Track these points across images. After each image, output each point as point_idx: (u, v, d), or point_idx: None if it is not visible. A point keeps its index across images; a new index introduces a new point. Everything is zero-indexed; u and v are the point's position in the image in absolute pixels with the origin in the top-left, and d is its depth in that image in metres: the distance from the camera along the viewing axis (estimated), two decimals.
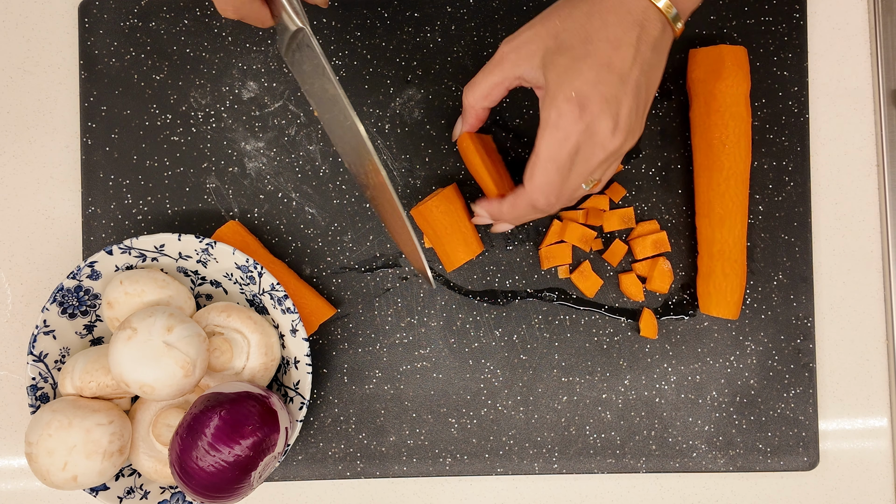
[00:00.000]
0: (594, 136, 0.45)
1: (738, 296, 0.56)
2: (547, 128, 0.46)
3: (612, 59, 0.45)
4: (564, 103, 0.45)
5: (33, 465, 0.51)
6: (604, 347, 0.58)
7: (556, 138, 0.46)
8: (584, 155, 0.46)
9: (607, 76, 0.45)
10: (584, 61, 0.45)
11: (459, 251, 0.56)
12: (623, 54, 0.45)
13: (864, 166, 0.60)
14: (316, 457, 0.59)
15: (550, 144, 0.46)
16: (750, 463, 0.58)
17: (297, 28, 0.46)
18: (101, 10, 0.60)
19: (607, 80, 0.45)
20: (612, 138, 0.46)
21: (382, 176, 0.48)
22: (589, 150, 0.46)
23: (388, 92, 0.59)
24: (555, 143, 0.46)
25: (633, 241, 0.58)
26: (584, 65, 0.45)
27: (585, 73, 0.45)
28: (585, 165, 0.47)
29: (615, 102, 0.45)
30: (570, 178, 0.47)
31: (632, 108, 0.46)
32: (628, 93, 0.45)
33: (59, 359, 0.55)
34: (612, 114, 0.45)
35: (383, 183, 0.49)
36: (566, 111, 0.45)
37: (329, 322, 0.59)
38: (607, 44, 0.45)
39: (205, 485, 0.48)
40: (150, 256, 0.55)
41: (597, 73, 0.45)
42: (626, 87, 0.45)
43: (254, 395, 0.50)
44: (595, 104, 0.45)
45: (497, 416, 0.58)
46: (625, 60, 0.45)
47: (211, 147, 0.59)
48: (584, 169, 0.47)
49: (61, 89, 0.61)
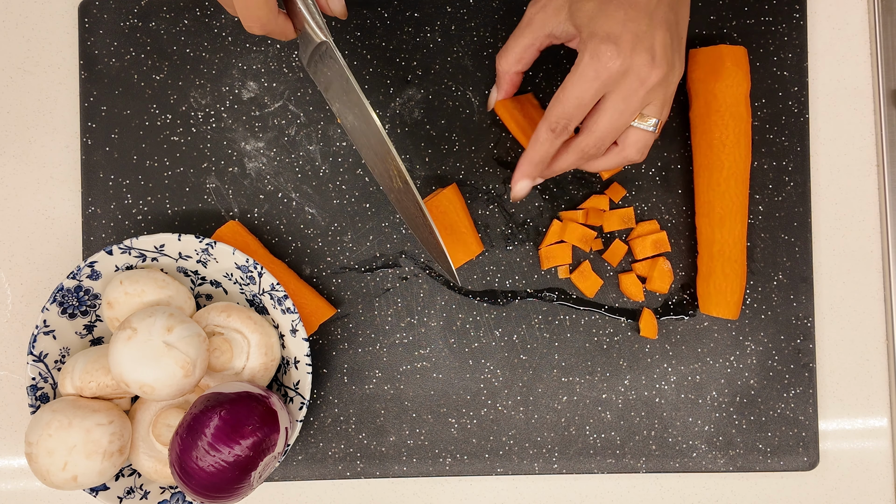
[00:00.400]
0: (631, 72, 0.46)
1: (738, 296, 0.56)
2: (578, 66, 0.47)
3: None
4: (599, 44, 0.46)
5: (33, 465, 0.51)
6: (604, 347, 0.58)
7: (586, 77, 0.46)
8: (623, 92, 0.46)
9: (634, 13, 0.46)
10: (610, 3, 0.46)
11: (459, 251, 0.56)
12: None
13: (864, 166, 0.60)
14: (316, 457, 0.59)
15: (575, 84, 0.47)
16: (750, 463, 0.58)
17: (321, 41, 0.48)
18: (101, 10, 0.60)
19: (635, 17, 0.46)
20: (652, 71, 0.46)
21: (408, 179, 0.50)
22: (628, 87, 0.46)
23: (388, 92, 0.59)
24: (581, 79, 0.46)
25: (633, 241, 0.58)
26: (609, 6, 0.46)
27: (613, 14, 0.46)
28: (627, 103, 0.47)
29: (648, 37, 0.46)
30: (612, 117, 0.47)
31: (666, 42, 0.46)
32: (659, 27, 0.46)
33: (59, 359, 0.55)
34: (647, 47, 0.46)
35: (409, 186, 0.50)
36: (601, 51, 0.46)
37: (329, 322, 0.59)
38: None
39: (205, 485, 0.48)
40: (150, 256, 0.55)
41: (624, 12, 0.46)
42: (655, 21, 0.46)
43: (254, 395, 0.50)
44: (627, 42, 0.45)
45: (497, 416, 0.58)
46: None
47: (211, 147, 0.59)
48: (627, 106, 0.47)
49: (61, 89, 0.61)
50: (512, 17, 0.59)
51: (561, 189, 0.59)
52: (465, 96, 0.59)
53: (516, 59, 0.52)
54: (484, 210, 0.59)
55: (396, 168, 0.50)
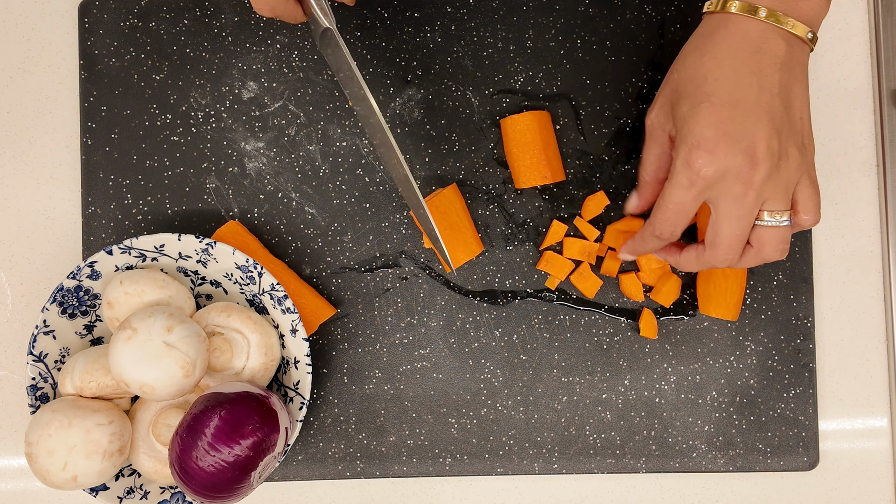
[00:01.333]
0: (729, 175, 0.44)
1: (738, 297, 0.56)
2: (673, 174, 0.45)
3: (734, 94, 0.44)
4: (690, 152, 0.44)
5: (33, 465, 0.51)
6: (604, 347, 0.58)
7: (681, 186, 0.45)
8: (730, 197, 0.45)
9: (731, 113, 0.44)
10: (703, 105, 0.44)
11: (459, 251, 0.56)
12: (745, 85, 0.44)
13: (864, 166, 0.60)
14: (316, 457, 0.59)
15: (672, 193, 0.46)
16: (750, 463, 0.58)
17: (325, 28, 0.49)
18: (101, 10, 0.60)
19: (731, 116, 0.44)
20: (753, 172, 0.44)
21: (405, 169, 0.51)
22: (733, 191, 0.44)
23: (388, 92, 0.59)
24: (677, 187, 0.45)
25: None
26: (703, 108, 0.44)
27: (706, 117, 0.44)
28: (738, 207, 0.45)
29: (745, 136, 0.44)
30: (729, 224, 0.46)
31: (769, 135, 0.44)
32: (760, 121, 0.44)
33: (59, 359, 0.55)
34: (743, 148, 0.44)
35: (406, 176, 0.51)
36: (692, 159, 0.44)
37: (329, 322, 0.59)
38: (725, 80, 0.44)
39: (205, 485, 0.48)
40: (150, 256, 0.55)
41: (717, 113, 0.44)
42: (756, 116, 0.44)
43: (254, 395, 0.50)
44: (721, 146, 0.44)
45: (497, 416, 0.58)
46: (748, 91, 0.44)
47: (211, 147, 0.59)
48: (740, 211, 0.45)
49: (61, 89, 0.61)
50: (512, 17, 0.59)
51: (561, 189, 0.59)
52: (465, 96, 0.59)
53: (653, 169, 0.51)
54: (484, 210, 0.59)
55: (396, 158, 0.51)
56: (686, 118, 0.45)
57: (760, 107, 0.44)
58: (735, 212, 0.45)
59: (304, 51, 0.59)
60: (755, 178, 0.44)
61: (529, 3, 0.59)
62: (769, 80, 0.44)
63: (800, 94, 0.46)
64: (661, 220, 0.48)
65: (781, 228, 0.47)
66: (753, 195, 0.45)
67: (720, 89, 0.44)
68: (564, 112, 0.59)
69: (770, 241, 0.47)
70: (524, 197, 0.59)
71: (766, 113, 0.44)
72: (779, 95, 0.45)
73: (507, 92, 0.59)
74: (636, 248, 0.52)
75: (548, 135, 0.57)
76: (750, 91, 0.44)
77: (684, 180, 0.45)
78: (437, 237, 0.52)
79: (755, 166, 0.44)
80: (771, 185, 0.45)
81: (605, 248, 0.58)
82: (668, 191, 0.46)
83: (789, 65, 0.45)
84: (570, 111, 0.59)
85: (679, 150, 0.45)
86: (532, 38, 0.59)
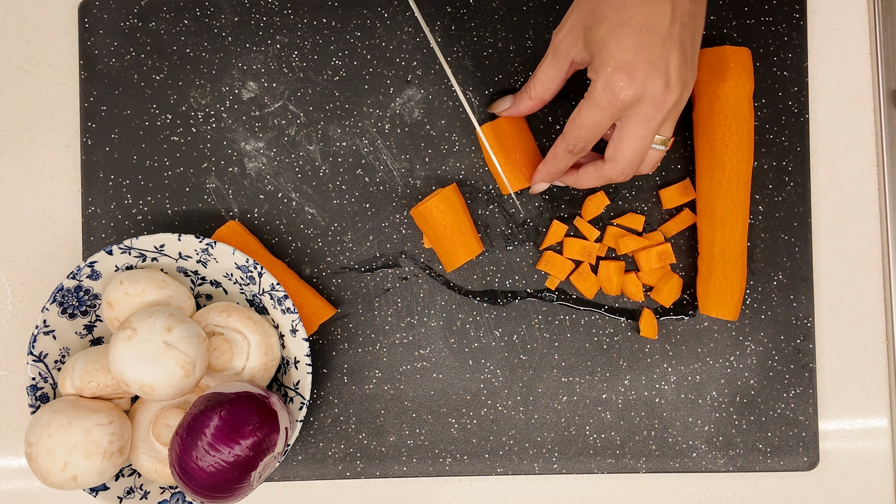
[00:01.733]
0: (646, 98, 0.46)
1: (738, 297, 0.56)
2: (591, 94, 0.47)
3: (651, 20, 0.45)
4: (611, 74, 0.46)
5: (33, 465, 0.51)
6: (604, 347, 0.58)
7: (599, 106, 0.47)
8: (640, 118, 0.47)
9: (648, 38, 0.45)
10: (623, 28, 0.46)
11: (459, 251, 0.56)
12: (660, 13, 0.45)
13: (864, 166, 0.60)
14: (316, 457, 0.59)
15: (589, 112, 0.47)
16: (750, 463, 0.58)
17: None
18: (101, 10, 0.60)
19: (649, 42, 0.45)
20: (667, 95, 0.46)
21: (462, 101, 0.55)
22: (645, 113, 0.47)
23: (388, 92, 0.59)
24: (595, 107, 0.47)
25: (638, 253, 0.58)
26: (622, 32, 0.46)
27: (625, 41, 0.45)
28: (645, 128, 0.47)
29: (661, 62, 0.45)
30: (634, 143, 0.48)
31: (680, 63, 0.46)
32: (673, 49, 0.46)
33: (59, 359, 0.55)
34: (661, 73, 0.46)
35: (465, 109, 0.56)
36: (614, 81, 0.46)
37: (329, 322, 0.59)
38: (642, 6, 0.45)
39: (205, 485, 0.48)
40: (150, 256, 0.55)
41: (637, 38, 0.45)
42: (670, 44, 0.46)
43: (254, 395, 0.50)
44: (640, 70, 0.45)
45: (497, 416, 0.58)
46: (663, 19, 0.45)
47: (211, 147, 0.59)
48: (646, 131, 0.47)
49: (61, 89, 0.61)
50: (512, 17, 0.59)
51: (561, 189, 0.59)
52: (466, 96, 0.59)
53: (544, 88, 0.52)
54: (484, 210, 0.59)
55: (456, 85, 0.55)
56: (605, 41, 0.46)
57: (673, 35, 0.46)
58: (641, 131, 0.48)
59: (304, 51, 0.59)
60: (666, 101, 0.46)
61: (529, 3, 0.59)
62: (680, 9, 0.46)
63: (700, 27, 0.48)
64: (575, 137, 0.49)
65: (661, 151, 0.50)
66: (660, 118, 0.47)
67: (638, 14, 0.45)
68: (564, 112, 0.59)
69: (651, 161, 0.51)
70: (524, 197, 0.59)
71: (678, 41, 0.46)
72: (687, 26, 0.46)
73: (507, 92, 0.59)
74: (550, 169, 0.53)
75: (525, 137, 0.57)
76: (664, 19, 0.45)
77: (603, 101, 0.47)
78: (493, 158, 0.55)
79: (668, 92, 0.46)
80: (674, 110, 0.48)
81: (606, 248, 0.58)
82: (585, 110, 0.48)
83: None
84: (570, 111, 0.59)
85: (599, 72, 0.46)
86: (532, 38, 0.59)
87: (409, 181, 0.59)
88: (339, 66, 0.59)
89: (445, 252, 0.56)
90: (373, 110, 0.59)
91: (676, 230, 0.58)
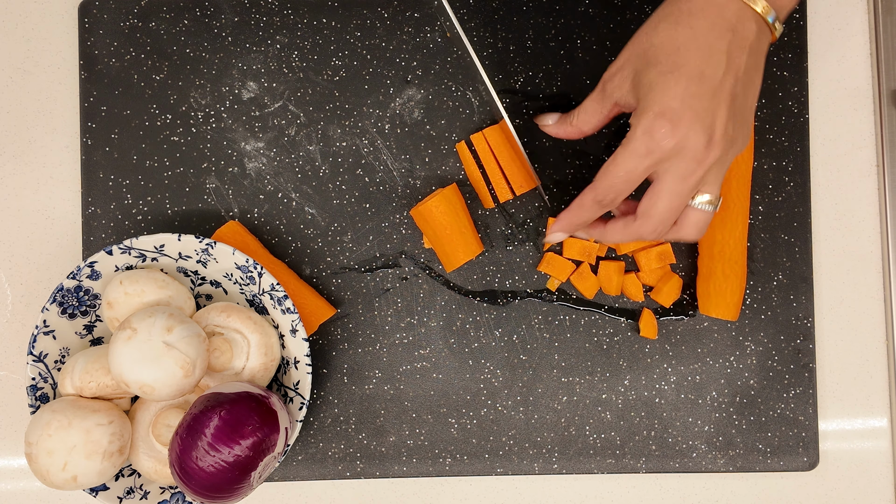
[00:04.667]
0: (686, 151, 0.43)
1: (738, 297, 0.56)
2: (630, 140, 0.44)
3: (703, 70, 0.43)
4: (654, 120, 0.43)
5: (33, 466, 0.51)
6: (604, 347, 0.58)
7: (636, 153, 0.44)
8: (679, 173, 0.44)
9: (698, 88, 0.43)
10: (672, 74, 0.43)
11: (459, 251, 0.56)
12: (715, 63, 0.43)
13: (864, 166, 0.60)
14: (316, 457, 0.59)
15: (625, 159, 0.45)
16: (750, 463, 0.58)
17: None
18: (101, 10, 0.60)
19: (698, 92, 0.43)
20: (708, 152, 0.44)
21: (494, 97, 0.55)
22: (685, 168, 0.44)
23: (388, 92, 0.59)
24: (632, 154, 0.44)
25: (638, 253, 0.58)
26: (671, 78, 0.43)
27: (673, 88, 0.43)
28: (684, 184, 0.44)
29: (708, 114, 0.43)
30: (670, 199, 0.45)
31: (727, 119, 0.44)
32: (723, 103, 0.43)
33: (59, 359, 0.55)
34: (705, 127, 0.43)
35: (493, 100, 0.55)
36: (655, 128, 0.43)
37: (329, 322, 0.59)
38: (697, 53, 0.43)
39: (205, 485, 0.48)
40: (150, 256, 0.55)
41: (685, 86, 0.43)
42: (720, 97, 0.43)
43: (254, 395, 0.50)
44: (685, 120, 0.43)
45: (497, 417, 0.58)
46: (717, 69, 0.43)
47: (211, 147, 0.59)
48: (684, 188, 0.45)
49: (61, 89, 0.61)
50: (512, 17, 0.59)
51: (561, 189, 0.59)
52: (465, 96, 0.59)
53: (585, 120, 0.50)
54: (484, 210, 0.59)
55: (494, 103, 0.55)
56: (653, 85, 0.44)
57: (725, 88, 0.43)
58: (678, 187, 0.45)
59: (304, 51, 0.59)
60: (708, 158, 0.44)
61: (529, 4, 0.59)
62: (736, 61, 0.43)
63: (757, 83, 0.46)
64: (606, 187, 0.46)
65: (708, 213, 0.47)
66: (700, 174, 0.44)
67: (692, 62, 0.43)
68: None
69: (696, 223, 0.47)
70: (524, 197, 0.59)
71: (728, 95, 0.44)
72: (742, 80, 0.44)
73: (507, 92, 0.59)
74: (573, 220, 0.50)
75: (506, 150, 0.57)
76: (718, 70, 0.43)
77: (641, 148, 0.44)
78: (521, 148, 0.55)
79: (711, 147, 0.44)
80: (716, 168, 0.45)
81: (605, 248, 0.58)
82: (620, 157, 0.45)
83: (755, 50, 0.44)
84: None
85: (641, 117, 0.44)
86: (532, 38, 0.59)
87: (409, 181, 0.59)
88: (339, 66, 0.59)
89: (445, 252, 0.56)
90: (373, 110, 0.59)
91: None
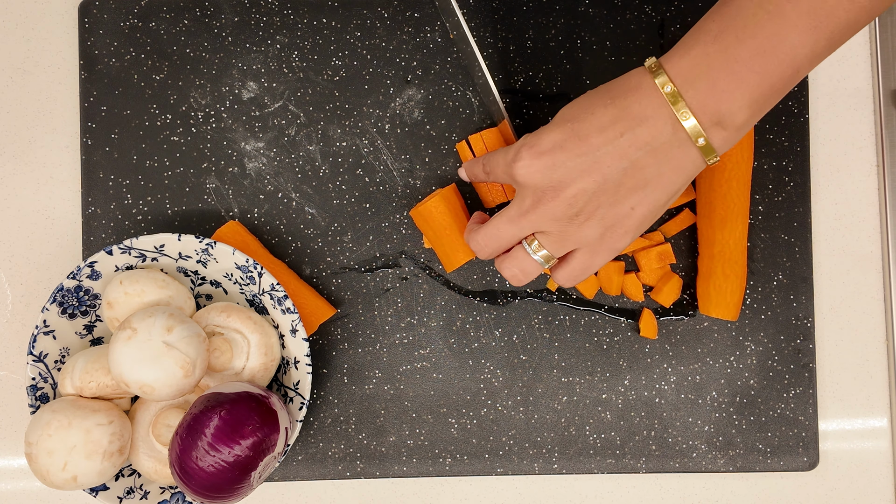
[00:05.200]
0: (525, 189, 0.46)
1: (738, 297, 0.56)
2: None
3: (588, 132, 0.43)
4: (523, 141, 0.45)
5: (33, 466, 0.51)
6: (604, 348, 0.58)
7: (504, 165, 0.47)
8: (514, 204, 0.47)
9: (575, 145, 0.43)
10: (556, 123, 0.45)
11: (459, 251, 0.56)
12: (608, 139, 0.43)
13: (864, 166, 0.60)
14: (316, 457, 0.59)
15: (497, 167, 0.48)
16: (750, 463, 0.58)
17: None
18: (101, 10, 0.60)
19: (575, 148, 0.43)
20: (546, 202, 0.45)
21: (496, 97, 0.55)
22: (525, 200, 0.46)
23: (388, 92, 0.59)
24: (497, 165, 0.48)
25: (638, 253, 0.58)
26: (554, 125, 0.45)
27: (554, 128, 0.44)
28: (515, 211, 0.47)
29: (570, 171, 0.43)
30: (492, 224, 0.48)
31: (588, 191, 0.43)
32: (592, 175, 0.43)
33: (59, 359, 0.55)
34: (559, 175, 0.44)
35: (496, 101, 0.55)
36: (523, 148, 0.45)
37: (329, 322, 0.59)
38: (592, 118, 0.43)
39: (205, 485, 0.48)
40: (150, 256, 0.55)
41: (563, 133, 0.44)
42: (594, 168, 0.43)
43: (254, 395, 0.50)
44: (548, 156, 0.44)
45: (497, 417, 0.58)
46: (606, 148, 0.43)
47: (211, 147, 0.59)
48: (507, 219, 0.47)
49: (61, 89, 0.61)
50: (512, 17, 0.59)
51: None
52: (465, 96, 0.59)
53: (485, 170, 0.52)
54: (484, 210, 0.59)
55: (493, 97, 0.55)
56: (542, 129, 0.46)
57: (602, 165, 0.43)
58: (510, 214, 0.47)
59: (304, 51, 0.59)
60: (539, 208, 0.45)
61: (529, 3, 0.59)
62: (630, 153, 0.42)
63: (653, 194, 0.44)
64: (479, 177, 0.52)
65: (532, 261, 0.48)
66: (535, 218, 0.45)
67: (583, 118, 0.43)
68: None
69: (518, 263, 0.48)
70: None
71: (601, 175, 0.43)
72: (631, 173, 0.43)
73: (507, 92, 0.59)
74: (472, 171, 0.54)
75: None
76: (608, 148, 0.43)
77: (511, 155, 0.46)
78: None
79: (555, 196, 0.44)
80: (555, 226, 0.45)
81: None
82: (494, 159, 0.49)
83: (664, 155, 0.43)
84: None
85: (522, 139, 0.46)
86: (532, 38, 0.59)
87: (409, 181, 0.59)
88: (339, 66, 0.59)
89: (445, 252, 0.56)
90: (373, 110, 0.59)
91: (676, 230, 0.58)
